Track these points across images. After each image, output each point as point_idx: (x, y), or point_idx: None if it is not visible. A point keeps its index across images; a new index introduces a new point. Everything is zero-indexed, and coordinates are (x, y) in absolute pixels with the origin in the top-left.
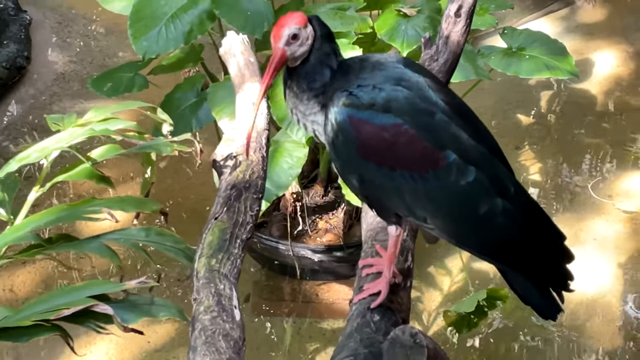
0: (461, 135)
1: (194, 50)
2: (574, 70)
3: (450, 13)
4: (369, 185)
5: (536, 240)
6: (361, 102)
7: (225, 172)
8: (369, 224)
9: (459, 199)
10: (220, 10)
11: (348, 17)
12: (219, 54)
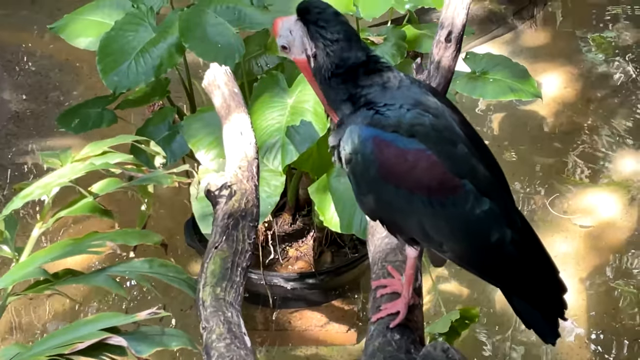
0: (478, 166)
1: (160, 83)
2: (537, 92)
3: (440, 39)
4: (386, 207)
5: (539, 270)
6: (387, 123)
7: (220, 202)
8: (377, 246)
9: (474, 226)
10: (190, 43)
11: None
12: (185, 85)
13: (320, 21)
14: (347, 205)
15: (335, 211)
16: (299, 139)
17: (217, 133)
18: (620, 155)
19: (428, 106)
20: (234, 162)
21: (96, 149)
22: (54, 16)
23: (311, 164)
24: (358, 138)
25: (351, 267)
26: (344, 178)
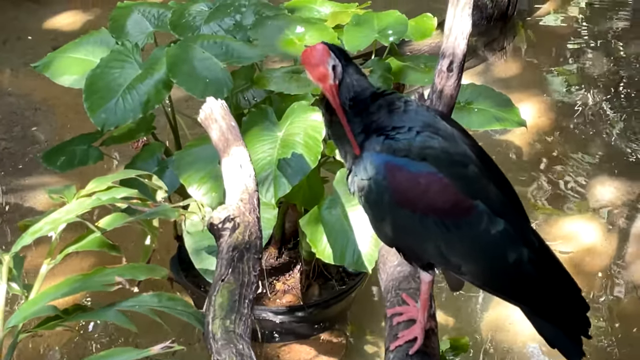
0: (490, 187)
1: (144, 119)
2: (522, 121)
3: (442, 68)
4: (402, 233)
5: (559, 288)
6: (398, 147)
7: (224, 235)
8: (389, 274)
9: (490, 247)
10: (178, 78)
11: (303, 79)
12: (169, 120)
13: (342, 59)
14: (340, 236)
15: (328, 243)
16: (291, 171)
17: (208, 167)
18: (597, 182)
19: (437, 128)
20: (235, 194)
21: (101, 184)
22: (27, 56)
23: (302, 196)
24: (370, 165)
25: (339, 300)
26: (335, 210)
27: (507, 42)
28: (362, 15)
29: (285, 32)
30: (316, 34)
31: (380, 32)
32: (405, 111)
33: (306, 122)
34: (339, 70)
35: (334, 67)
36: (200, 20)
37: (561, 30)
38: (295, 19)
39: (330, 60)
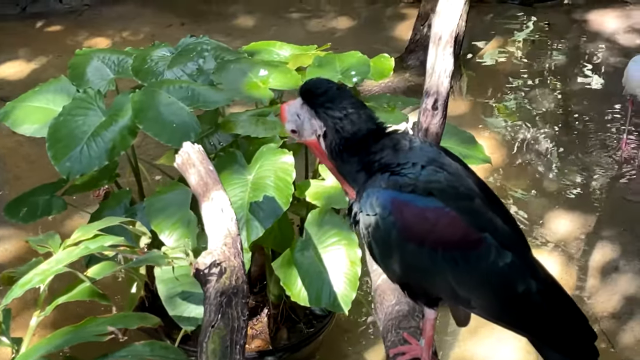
0: (496, 220)
1: (107, 167)
2: (486, 157)
3: (427, 107)
4: (410, 269)
5: (567, 318)
6: (404, 183)
7: (211, 280)
8: (388, 314)
9: (500, 279)
10: (144, 124)
11: (270, 122)
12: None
13: (326, 102)
14: (314, 278)
15: (303, 285)
16: (263, 214)
17: (179, 213)
18: (552, 216)
19: (442, 163)
20: (218, 239)
21: (86, 233)
22: None
23: (273, 239)
24: (376, 201)
25: (308, 343)
26: (308, 252)
27: (454, 81)
28: (324, 57)
29: (249, 76)
30: (280, 77)
31: (343, 73)
32: (411, 148)
33: (276, 164)
34: (306, 127)
35: (293, 131)
36: (163, 65)
37: (503, 68)
38: (258, 62)
39: (288, 124)
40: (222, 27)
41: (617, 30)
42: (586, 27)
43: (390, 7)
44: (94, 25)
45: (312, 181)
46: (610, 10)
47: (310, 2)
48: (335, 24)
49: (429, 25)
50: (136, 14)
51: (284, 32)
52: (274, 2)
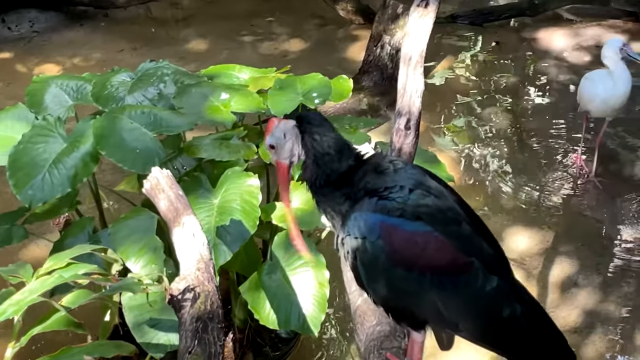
0: (482, 244)
1: (68, 195)
2: (450, 176)
3: (400, 127)
4: (399, 293)
5: (550, 340)
6: (392, 207)
7: (185, 306)
8: (369, 335)
9: (487, 303)
10: (107, 150)
11: (233, 146)
12: (93, 194)
13: (315, 134)
14: (283, 301)
15: (271, 308)
16: (230, 238)
17: (144, 239)
18: (511, 233)
19: (429, 186)
20: (190, 264)
21: (59, 262)
22: None
23: (239, 263)
24: (365, 225)
25: None
26: (276, 274)
27: None
28: (285, 80)
29: (210, 99)
30: (241, 100)
31: (305, 95)
32: (396, 171)
33: (242, 187)
34: (286, 148)
35: (271, 146)
36: (124, 90)
37: (454, 87)
38: (218, 85)
39: (271, 138)
40: (174, 52)
41: (566, 48)
42: (535, 45)
43: (342, 29)
44: (43, 52)
45: (277, 204)
46: (558, 29)
47: (261, 25)
48: (287, 47)
49: (382, 46)
50: (86, 40)
51: (236, 55)
52: (226, 25)
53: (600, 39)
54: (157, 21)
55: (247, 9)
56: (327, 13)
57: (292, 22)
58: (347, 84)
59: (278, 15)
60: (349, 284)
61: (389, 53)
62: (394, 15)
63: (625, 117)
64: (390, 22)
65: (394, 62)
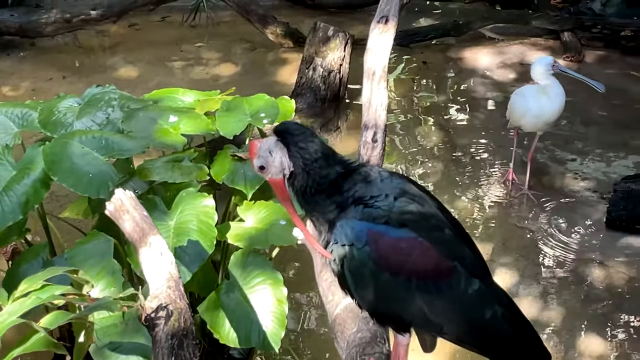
0: (464, 249)
1: (17, 223)
2: None
3: (367, 139)
4: (385, 298)
5: (528, 340)
6: (378, 214)
7: (159, 324)
8: (350, 342)
9: (469, 306)
10: (59, 176)
11: (185, 167)
12: (41, 220)
13: (300, 142)
14: (242, 319)
15: (231, 327)
16: (189, 259)
17: (102, 263)
18: None
19: (413, 194)
20: (160, 283)
21: (33, 284)
22: None
23: (196, 284)
24: (352, 232)
25: None
26: (234, 293)
27: (341, 122)
28: (232, 101)
29: (159, 122)
30: (190, 122)
31: (253, 116)
32: (382, 180)
33: (197, 208)
34: (275, 165)
35: (261, 167)
36: (72, 116)
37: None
38: (166, 108)
39: (258, 160)
40: (104, 79)
41: (491, 66)
42: (461, 64)
43: (271, 52)
44: None
45: (231, 223)
46: (482, 48)
47: (190, 51)
48: (218, 71)
49: (314, 69)
50: (14, 69)
51: (167, 81)
52: (155, 52)
53: (523, 57)
54: (85, 49)
55: (175, 35)
56: (256, 37)
57: (222, 46)
58: (290, 105)
59: (207, 41)
60: (326, 293)
61: (321, 75)
62: (324, 37)
63: (552, 131)
64: (321, 45)
65: (327, 84)
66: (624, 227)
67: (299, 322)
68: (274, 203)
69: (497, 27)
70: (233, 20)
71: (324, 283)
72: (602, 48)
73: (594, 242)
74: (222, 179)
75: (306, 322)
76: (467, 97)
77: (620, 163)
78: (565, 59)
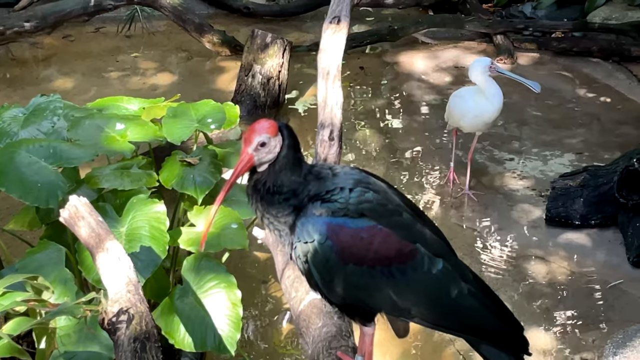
0: (425, 231)
1: None
2: None
3: (324, 138)
4: (352, 288)
5: (498, 314)
6: (336, 208)
7: (121, 328)
8: (316, 337)
9: (435, 286)
10: (6, 186)
11: (134, 174)
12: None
13: (293, 146)
14: (197, 324)
15: (186, 332)
16: (142, 265)
17: (55, 272)
18: None
19: (368, 183)
20: (119, 287)
21: None
22: None
23: (149, 290)
24: (312, 228)
25: None
26: (187, 298)
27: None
28: (178, 107)
29: (106, 130)
30: (137, 129)
31: (200, 122)
32: (335, 175)
33: (148, 214)
34: (270, 147)
35: (263, 143)
36: (16, 125)
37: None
38: (112, 116)
39: (261, 137)
40: (39, 91)
41: (427, 70)
42: (398, 68)
43: (209, 61)
44: None
45: (182, 229)
46: (418, 52)
47: (127, 61)
48: (155, 81)
49: (253, 76)
50: None
51: (104, 91)
52: (90, 63)
53: (458, 60)
54: (19, 61)
55: (110, 45)
56: (193, 46)
57: (158, 56)
58: (235, 110)
59: (143, 51)
60: (289, 290)
61: (260, 82)
62: (263, 44)
63: (490, 132)
64: (260, 52)
65: (266, 90)
66: (563, 223)
67: (253, 324)
68: (225, 207)
69: (431, 31)
70: (169, 29)
71: (286, 281)
72: (534, 50)
73: (534, 239)
74: (171, 185)
75: (260, 325)
76: (404, 101)
77: (556, 161)
78: (499, 62)
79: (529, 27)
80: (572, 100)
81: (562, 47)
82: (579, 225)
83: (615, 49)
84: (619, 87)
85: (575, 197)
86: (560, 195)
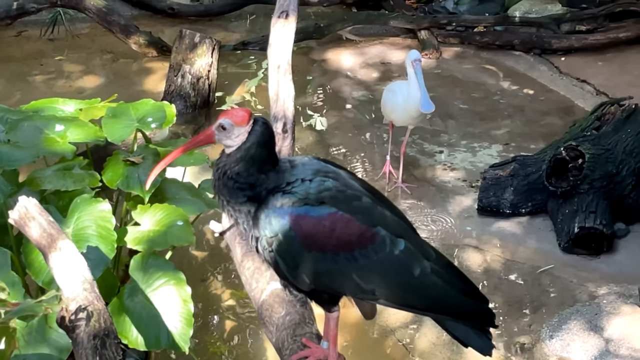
0: (385, 213)
1: None
2: None
3: (277, 130)
4: (318, 275)
5: (462, 289)
6: (296, 198)
7: (80, 325)
8: (279, 325)
9: (397, 266)
10: None
11: (77, 175)
12: None
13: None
14: (149, 322)
15: (138, 331)
16: (91, 264)
17: (1, 275)
18: None
19: (327, 171)
20: (75, 286)
21: None
22: None
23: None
24: (275, 219)
25: None
26: (137, 297)
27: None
28: (117, 107)
29: (45, 132)
30: (78, 130)
31: (140, 121)
32: (293, 166)
33: (94, 213)
34: (224, 134)
35: (223, 127)
36: None
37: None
38: (51, 118)
39: (225, 121)
40: None
41: (354, 67)
42: (325, 66)
43: (135, 62)
44: None
45: (128, 228)
46: (344, 49)
47: (51, 65)
48: (82, 84)
49: (183, 76)
50: None
51: (30, 95)
52: (13, 67)
53: (384, 56)
54: None
55: (32, 49)
56: (118, 48)
57: (83, 59)
58: (171, 110)
59: (67, 54)
60: (250, 281)
61: (190, 82)
62: (191, 44)
63: (420, 125)
64: (188, 52)
65: (196, 90)
66: (494, 212)
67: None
68: (169, 205)
69: (357, 28)
70: (93, 31)
71: (246, 272)
72: (458, 44)
73: (468, 229)
74: (116, 185)
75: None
76: (333, 97)
77: (484, 152)
78: (424, 57)
79: (452, 22)
80: (496, 92)
81: (484, 41)
82: (510, 214)
83: (536, 41)
84: (542, 79)
85: (505, 186)
86: (491, 185)
